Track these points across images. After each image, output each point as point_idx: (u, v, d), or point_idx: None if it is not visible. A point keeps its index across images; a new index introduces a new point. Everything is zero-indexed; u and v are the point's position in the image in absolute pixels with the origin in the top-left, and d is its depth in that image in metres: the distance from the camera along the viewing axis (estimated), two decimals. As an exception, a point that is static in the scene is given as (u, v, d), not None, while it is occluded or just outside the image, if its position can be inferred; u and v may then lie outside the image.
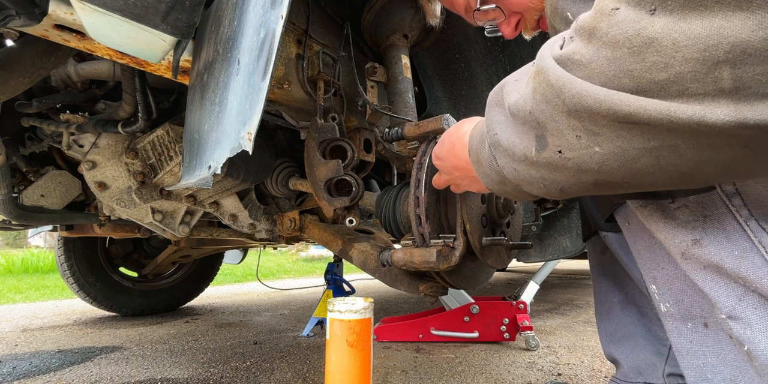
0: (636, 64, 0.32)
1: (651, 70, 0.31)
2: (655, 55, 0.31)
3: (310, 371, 1.51)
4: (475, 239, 0.77)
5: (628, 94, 0.33)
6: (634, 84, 0.32)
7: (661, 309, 0.57)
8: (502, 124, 0.46)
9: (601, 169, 0.38)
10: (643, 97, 0.32)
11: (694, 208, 0.48)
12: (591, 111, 0.35)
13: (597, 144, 0.36)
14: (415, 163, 0.80)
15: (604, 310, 0.94)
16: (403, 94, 1.04)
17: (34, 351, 1.89)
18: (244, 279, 5.65)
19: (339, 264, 2.23)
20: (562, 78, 0.36)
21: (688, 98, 0.31)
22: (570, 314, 2.61)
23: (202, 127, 0.71)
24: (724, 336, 0.49)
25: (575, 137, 0.37)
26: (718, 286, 0.46)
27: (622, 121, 0.34)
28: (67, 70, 1.13)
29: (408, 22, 1.09)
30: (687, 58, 0.30)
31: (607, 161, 0.37)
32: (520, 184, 0.47)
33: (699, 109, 0.30)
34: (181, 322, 2.52)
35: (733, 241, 0.45)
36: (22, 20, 0.63)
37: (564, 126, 0.38)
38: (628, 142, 0.35)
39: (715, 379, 0.50)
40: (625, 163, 0.36)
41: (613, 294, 0.91)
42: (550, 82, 0.37)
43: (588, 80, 0.35)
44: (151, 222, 1.41)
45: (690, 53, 0.30)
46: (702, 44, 0.29)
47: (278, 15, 0.57)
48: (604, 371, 1.49)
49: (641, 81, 0.32)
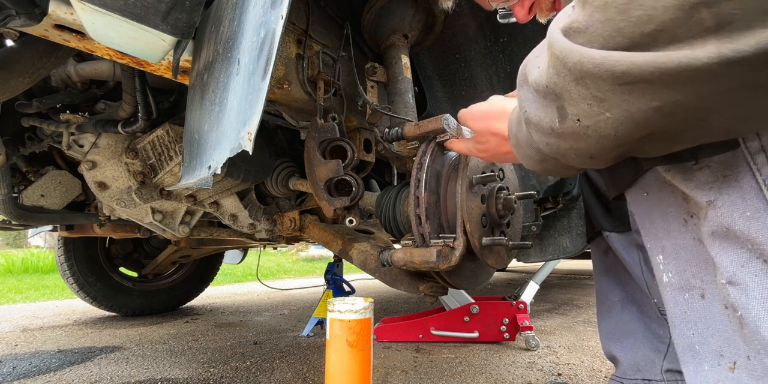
0: (625, 22, 0.34)
1: (638, 24, 0.33)
2: (639, 10, 0.33)
3: (310, 371, 1.51)
4: (475, 239, 0.77)
5: (622, 53, 0.34)
6: (627, 41, 0.34)
7: (663, 279, 0.56)
8: (529, 100, 0.47)
9: (618, 134, 0.39)
10: (637, 52, 0.33)
11: (716, 168, 0.47)
12: (593, 76, 0.36)
13: (607, 110, 0.38)
14: (415, 163, 0.80)
15: (605, 309, 0.94)
16: (403, 94, 1.04)
17: (34, 351, 1.89)
18: (244, 279, 5.65)
19: (339, 264, 2.23)
20: (565, 48, 0.38)
21: (678, 44, 0.32)
22: (570, 314, 2.61)
23: (202, 127, 0.71)
24: (718, 307, 0.49)
25: (587, 105, 0.39)
26: (724, 251, 0.46)
27: (622, 83, 0.35)
28: (67, 70, 1.13)
29: (408, 22, 1.09)
30: (666, 7, 0.32)
31: (621, 126, 0.38)
32: (557, 158, 0.48)
33: (688, 53, 0.32)
34: (181, 322, 2.52)
35: (748, 200, 0.44)
36: (22, 20, 0.63)
37: (576, 95, 0.39)
38: (633, 104, 0.36)
39: (701, 351, 0.50)
40: (638, 126, 0.37)
41: (613, 293, 0.92)
42: (555, 53, 0.39)
43: (588, 45, 0.36)
44: (151, 222, 1.41)
45: (668, 2, 0.32)
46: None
47: (278, 15, 0.57)
48: (604, 371, 1.49)
49: (633, 36, 0.33)
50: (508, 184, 0.88)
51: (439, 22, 1.16)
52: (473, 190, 0.78)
